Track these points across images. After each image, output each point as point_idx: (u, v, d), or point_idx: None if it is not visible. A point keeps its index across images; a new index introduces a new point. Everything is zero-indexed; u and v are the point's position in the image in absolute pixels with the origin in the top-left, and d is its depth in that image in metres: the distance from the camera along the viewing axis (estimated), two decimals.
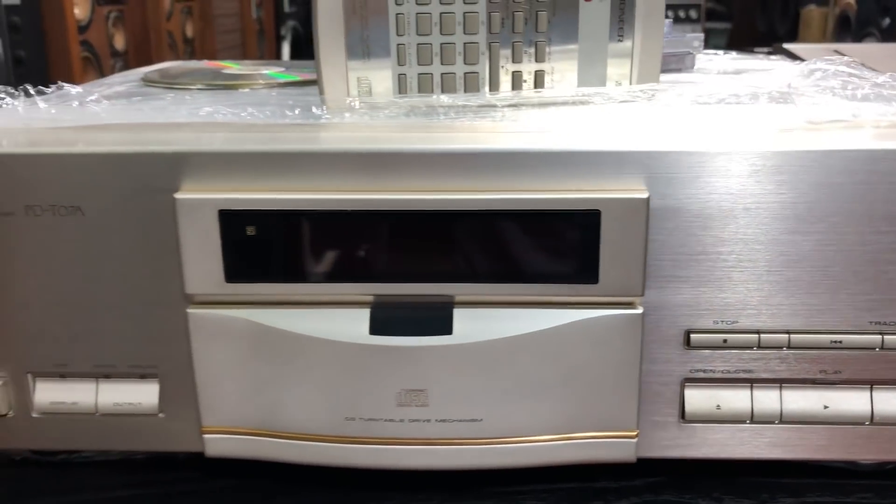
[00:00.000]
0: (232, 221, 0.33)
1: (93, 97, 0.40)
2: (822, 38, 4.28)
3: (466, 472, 0.38)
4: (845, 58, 0.41)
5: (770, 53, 1.06)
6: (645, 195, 0.32)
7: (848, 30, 3.95)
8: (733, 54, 0.61)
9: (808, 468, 0.39)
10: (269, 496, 0.39)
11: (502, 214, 0.33)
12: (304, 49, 3.70)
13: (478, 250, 0.33)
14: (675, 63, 0.54)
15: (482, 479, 0.39)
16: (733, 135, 0.33)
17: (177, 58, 2.11)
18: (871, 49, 1.08)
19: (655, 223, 0.33)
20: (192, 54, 2.25)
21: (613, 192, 0.32)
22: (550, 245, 0.33)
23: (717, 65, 0.55)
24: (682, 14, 3.83)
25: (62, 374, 0.37)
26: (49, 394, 0.37)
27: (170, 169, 0.33)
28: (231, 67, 0.56)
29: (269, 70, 0.55)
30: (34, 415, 0.37)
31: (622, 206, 0.32)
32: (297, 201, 0.33)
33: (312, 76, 0.53)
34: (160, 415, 0.37)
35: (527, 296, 0.34)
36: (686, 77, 0.51)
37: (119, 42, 1.80)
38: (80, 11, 1.60)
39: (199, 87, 0.49)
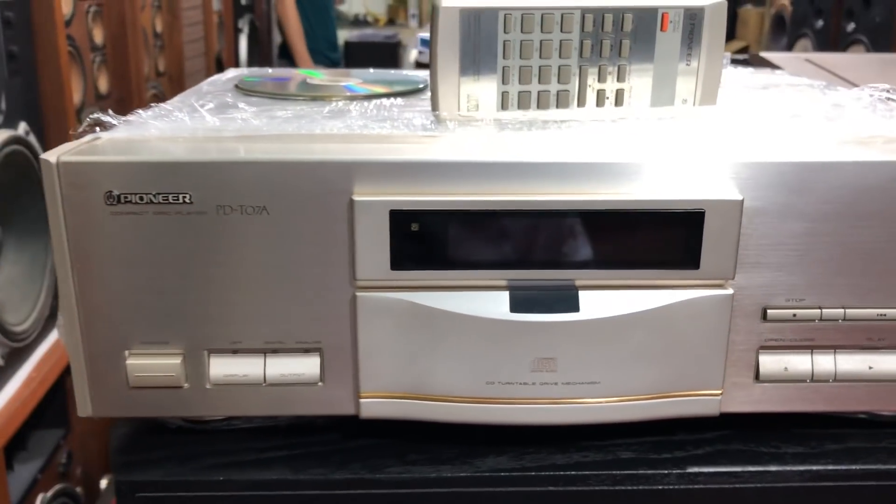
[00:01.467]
0: (400, 219, 0.40)
1: (248, 111, 0.46)
2: (759, 37, 4.48)
3: (566, 429, 0.45)
4: (885, 85, 0.49)
5: (745, 62, 1.16)
6: (740, 198, 0.40)
7: (783, 30, 4.15)
8: (749, 69, 0.69)
9: (849, 421, 0.47)
10: (402, 453, 0.46)
11: (622, 213, 0.40)
12: (259, 41, 3.71)
13: (600, 242, 0.41)
14: None
15: (579, 435, 0.47)
16: (806, 147, 0.41)
17: (148, 52, 2.12)
18: (842, 59, 1.18)
19: (744, 220, 0.40)
20: (161, 49, 2.26)
21: (715, 194, 0.40)
22: (661, 238, 0.41)
23: (740, 79, 0.64)
24: None
25: (234, 350, 0.42)
26: (222, 368, 0.42)
27: (345, 175, 0.39)
28: (314, 78, 0.62)
29: (347, 82, 0.61)
30: (208, 386, 0.43)
31: (722, 207, 0.40)
32: (452, 202, 0.40)
33: (384, 90, 0.59)
34: (319, 384, 0.43)
35: (640, 280, 0.41)
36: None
37: (98, 36, 1.81)
38: (64, 7, 1.61)
39: (302, 98, 0.55)
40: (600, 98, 0.49)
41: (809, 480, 0.45)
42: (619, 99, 0.49)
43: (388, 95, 0.57)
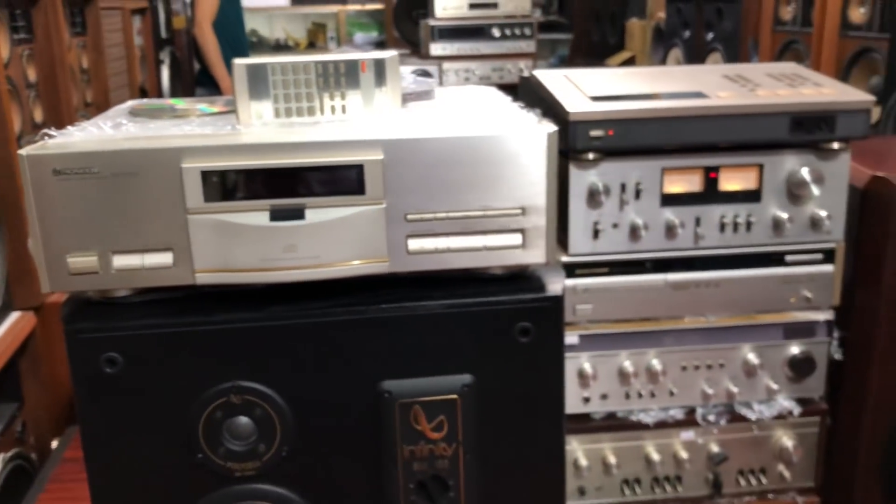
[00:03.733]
0: (207, 175, 0.77)
1: (132, 125, 0.84)
2: (643, 47, 4.98)
3: (315, 286, 0.83)
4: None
5: (526, 78, 1.55)
6: (381, 157, 0.79)
7: (661, 39, 4.65)
8: (467, 87, 1.09)
9: (473, 278, 0.86)
10: (224, 306, 0.83)
11: (327, 167, 0.79)
12: (181, 71, 4.03)
13: (316, 182, 0.79)
14: (424, 96, 1.02)
15: (322, 291, 0.84)
16: (419, 129, 0.80)
17: (76, 86, 2.46)
18: (595, 74, 1.58)
19: (386, 169, 0.79)
20: (88, 82, 2.60)
21: (369, 156, 0.79)
22: (346, 179, 0.79)
23: (449, 96, 1.03)
24: (517, 32, 4.40)
25: (126, 251, 0.79)
26: (120, 260, 0.79)
27: (178, 154, 0.77)
28: (178, 104, 1.00)
29: (200, 105, 0.99)
30: (112, 271, 0.80)
31: (372, 163, 0.79)
32: (235, 165, 0.78)
33: (223, 109, 0.97)
34: (173, 267, 0.80)
35: (338, 202, 0.80)
36: (426, 103, 0.98)
37: (32, 75, 2.15)
38: (2, 51, 1.94)
39: (169, 116, 0.92)
40: (333, 110, 0.88)
41: (445, 308, 0.84)
42: (343, 109, 0.88)
43: (221, 113, 0.95)
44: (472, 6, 4.19)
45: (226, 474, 0.84)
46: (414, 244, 0.82)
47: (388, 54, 0.87)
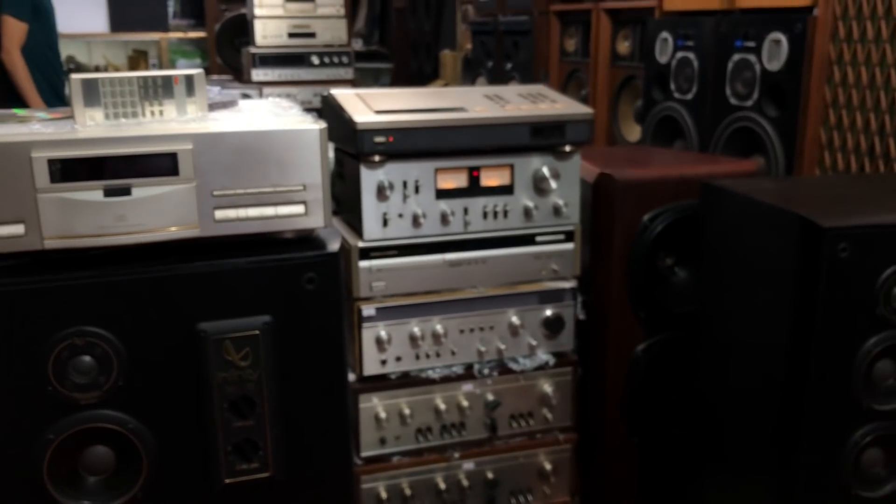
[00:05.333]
0: (52, 163, 1.00)
1: None
2: (455, 75, 5.39)
3: (147, 248, 1.07)
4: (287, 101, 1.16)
5: (325, 97, 1.83)
6: (191, 147, 1.04)
7: (469, 68, 5.09)
8: (266, 99, 1.36)
9: (270, 241, 1.13)
10: (70, 267, 1.05)
11: (148, 155, 1.03)
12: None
13: (140, 167, 1.03)
14: (229, 105, 1.28)
15: (149, 253, 1.09)
16: (221, 126, 1.07)
17: None
18: (381, 92, 1.89)
19: (196, 158, 1.05)
20: None
21: (180, 146, 1.04)
22: (163, 164, 1.04)
23: (249, 105, 1.30)
24: (335, 60, 4.70)
25: None
26: None
27: (27, 147, 0.99)
28: (20, 112, 1.20)
29: (41, 114, 1.20)
30: None
31: (184, 152, 1.04)
32: (78, 154, 1.01)
33: (60, 115, 1.19)
34: (25, 236, 1.01)
35: (157, 182, 1.04)
36: (231, 110, 1.25)
37: None
38: None
39: (14, 121, 1.13)
40: (153, 114, 1.12)
41: (248, 264, 1.10)
42: (161, 114, 1.13)
43: (61, 119, 1.17)
44: (292, 35, 4.44)
45: (72, 403, 1.06)
46: (220, 214, 1.08)
47: (196, 71, 1.13)
